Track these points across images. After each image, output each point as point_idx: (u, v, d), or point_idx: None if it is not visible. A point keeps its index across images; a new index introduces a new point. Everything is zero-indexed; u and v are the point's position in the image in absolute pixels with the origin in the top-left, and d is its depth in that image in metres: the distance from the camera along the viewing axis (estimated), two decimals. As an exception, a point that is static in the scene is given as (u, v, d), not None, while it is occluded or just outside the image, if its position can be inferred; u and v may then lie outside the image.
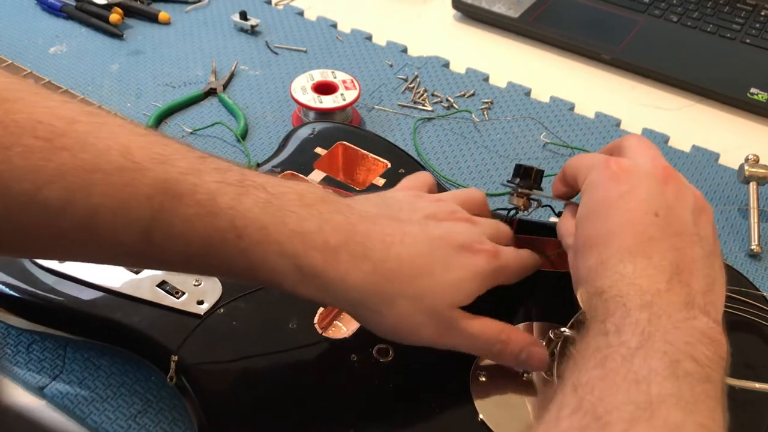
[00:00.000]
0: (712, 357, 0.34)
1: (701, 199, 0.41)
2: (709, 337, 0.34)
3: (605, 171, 0.41)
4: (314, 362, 0.44)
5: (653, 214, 0.39)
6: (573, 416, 0.31)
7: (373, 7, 0.93)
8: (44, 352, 0.50)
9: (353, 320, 0.46)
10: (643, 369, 0.32)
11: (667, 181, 0.40)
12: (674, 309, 0.35)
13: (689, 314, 0.35)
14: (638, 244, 0.38)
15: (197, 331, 0.45)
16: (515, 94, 0.78)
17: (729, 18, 0.88)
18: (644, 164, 0.41)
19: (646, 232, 0.38)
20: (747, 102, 0.77)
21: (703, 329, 0.35)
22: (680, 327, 0.34)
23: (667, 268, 0.37)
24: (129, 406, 0.47)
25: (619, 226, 0.39)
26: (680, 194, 0.40)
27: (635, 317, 0.35)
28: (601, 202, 0.40)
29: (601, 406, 0.31)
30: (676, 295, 0.36)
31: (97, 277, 0.47)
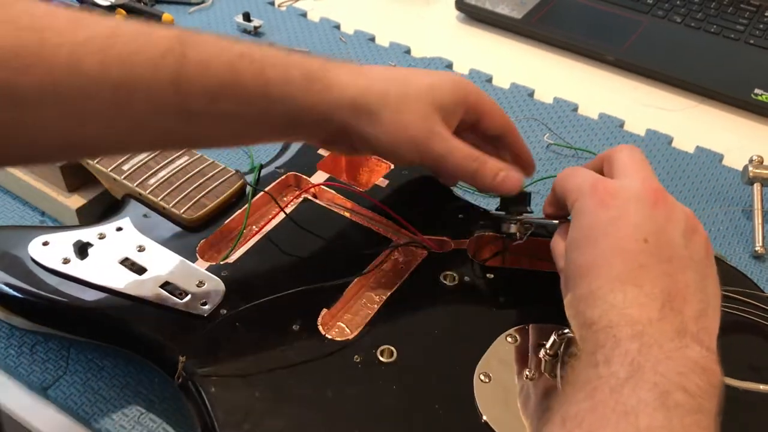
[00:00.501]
0: (704, 387, 0.33)
1: (692, 219, 0.40)
2: (702, 367, 0.34)
3: (592, 197, 0.40)
4: (317, 364, 0.44)
5: (642, 240, 0.38)
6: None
7: (377, 9, 0.93)
8: (48, 353, 0.50)
9: (356, 322, 0.46)
10: (632, 400, 0.32)
11: (656, 204, 0.39)
12: (666, 338, 0.34)
13: (681, 343, 0.34)
14: (628, 272, 0.37)
15: (200, 332, 0.45)
16: (518, 95, 0.77)
17: (733, 18, 0.88)
18: (633, 186, 0.40)
19: (636, 259, 0.37)
20: (751, 103, 0.77)
21: (695, 358, 0.34)
22: (672, 357, 0.34)
23: (658, 296, 0.36)
24: (132, 407, 0.47)
25: (608, 254, 0.38)
26: (670, 216, 0.39)
27: (625, 348, 0.34)
28: (589, 229, 0.39)
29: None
30: (669, 323, 0.35)
31: (101, 277, 0.47)
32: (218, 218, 0.53)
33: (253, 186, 0.54)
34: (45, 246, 0.49)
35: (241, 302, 0.46)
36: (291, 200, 0.55)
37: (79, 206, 0.56)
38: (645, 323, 0.35)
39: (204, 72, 0.40)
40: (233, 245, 0.51)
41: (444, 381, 0.43)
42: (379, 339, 0.45)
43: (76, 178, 0.57)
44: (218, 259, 0.50)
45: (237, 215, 0.53)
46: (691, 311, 0.36)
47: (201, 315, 0.46)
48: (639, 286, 0.36)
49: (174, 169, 0.55)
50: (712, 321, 0.37)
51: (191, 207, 0.52)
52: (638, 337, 0.34)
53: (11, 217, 0.60)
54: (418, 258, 0.51)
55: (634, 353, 0.34)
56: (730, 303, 0.49)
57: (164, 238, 0.51)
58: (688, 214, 0.40)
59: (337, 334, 0.46)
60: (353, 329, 0.46)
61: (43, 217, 0.60)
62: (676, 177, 0.68)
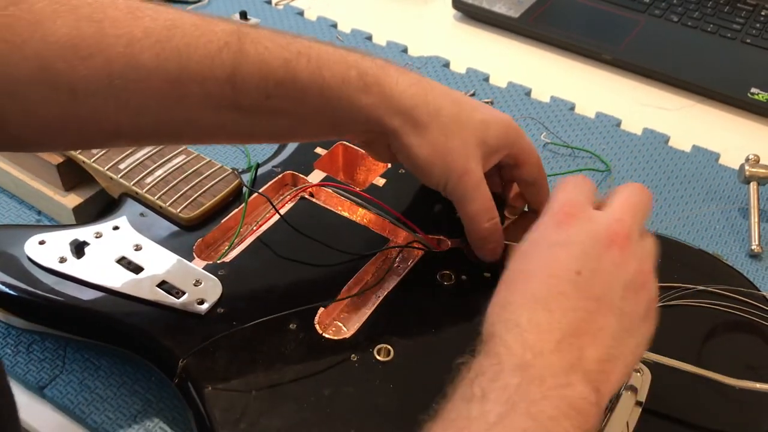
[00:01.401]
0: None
1: (646, 277, 0.38)
2: (577, 409, 0.32)
3: (554, 215, 0.39)
4: (314, 362, 0.44)
5: (575, 271, 0.36)
6: None
7: (374, 7, 0.93)
8: (44, 352, 0.50)
9: (353, 321, 0.46)
10: None
11: (610, 247, 0.37)
12: (550, 373, 0.33)
13: (566, 380, 0.33)
14: (545, 295, 0.36)
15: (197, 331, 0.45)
16: (515, 94, 0.77)
17: (729, 18, 0.88)
18: (598, 221, 0.38)
19: (559, 285, 0.36)
20: (747, 102, 0.77)
21: (571, 400, 0.33)
22: (549, 396, 0.32)
23: (564, 328, 0.34)
24: (129, 406, 0.47)
25: (536, 271, 0.37)
26: (620, 263, 0.37)
27: (505, 381, 0.33)
28: (535, 243, 0.39)
29: None
30: (562, 358, 0.34)
31: (97, 276, 0.47)
32: (215, 217, 0.53)
33: (249, 187, 0.54)
34: (41, 245, 0.49)
35: (238, 301, 0.46)
36: (288, 200, 0.55)
37: (75, 205, 0.56)
38: (536, 353, 0.34)
39: (260, 69, 0.40)
40: (230, 244, 0.51)
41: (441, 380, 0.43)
42: (376, 338, 0.45)
43: (72, 176, 0.57)
44: (215, 258, 0.50)
45: (234, 214, 0.53)
46: (595, 353, 0.34)
47: (198, 314, 0.46)
48: (549, 312, 0.35)
49: (170, 168, 0.55)
50: (617, 372, 0.35)
51: (188, 206, 0.52)
52: (522, 369, 0.33)
53: (7, 215, 0.60)
54: (415, 257, 0.51)
55: (512, 390, 0.32)
56: (727, 302, 0.49)
57: (161, 237, 0.51)
58: (644, 271, 0.38)
59: (334, 333, 0.46)
60: (350, 328, 0.46)
61: (40, 216, 0.60)
62: (673, 176, 0.68)
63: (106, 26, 0.37)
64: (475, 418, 0.32)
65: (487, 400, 0.33)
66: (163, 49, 0.38)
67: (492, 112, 0.48)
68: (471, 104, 0.47)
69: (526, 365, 0.33)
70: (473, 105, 0.47)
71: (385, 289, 0.49)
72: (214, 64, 0.39)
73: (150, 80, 0.38)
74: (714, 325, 0.48)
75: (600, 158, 0.69)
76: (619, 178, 0.68)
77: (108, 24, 0.38)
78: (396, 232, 0.53)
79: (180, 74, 0.39)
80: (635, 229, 0.39)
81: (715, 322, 0.48)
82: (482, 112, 0.47)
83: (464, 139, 0.45)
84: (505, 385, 0.33)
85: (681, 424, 0.43)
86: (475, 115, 0.46)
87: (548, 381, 0.33)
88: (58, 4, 0.37)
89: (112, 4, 0.38)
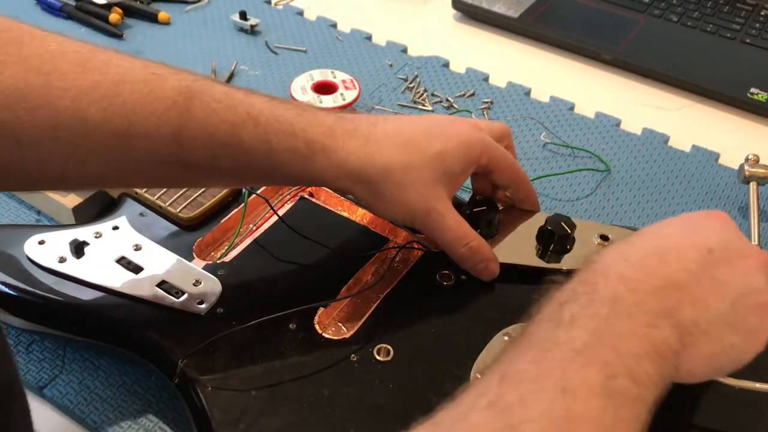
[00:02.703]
0: (653, 376, 0.32)
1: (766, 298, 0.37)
2: (660, 353, 0.33)
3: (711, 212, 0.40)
4: (314, 362, 0.44)
5: (708, 248, 0.37)
6: (487, 411, 0.30)
7: (373, 7, 0.93)
8: (44, 352, 0.50)
9: (353, 321, 0.46)
10: (576, 380, 0.31)
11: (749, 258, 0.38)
12: (642, 311, 0.34)
13: (655, 321, 0.34)
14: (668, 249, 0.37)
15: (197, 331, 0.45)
16: (515, 94, 0.77)
17: (729, 18, 0.88)
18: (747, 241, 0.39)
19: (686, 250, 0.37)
20: (747, 102, 0.77)
21: (656, 342, 0.33)
22: (637, 334, 0.33)
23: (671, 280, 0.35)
24: (128, 406, 0.47)
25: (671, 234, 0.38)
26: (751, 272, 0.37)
27: (596, 310, 0.34)
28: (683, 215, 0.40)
29: (518, 411, 0.30)
30: (658, 301, 0.35)
31: (97, 276, 0.47)
32: (215, 217, 0.53)
33: (248, 188, 0.54)
34: (41, 245, 0.49)
35: (238, 301, 0.46)
36: (287, 199, 0.55)
37: (75, 205, 0.56)
38: (631, 289, 0.35)
39: (206, 130, 0.41)
40: (230, 244, 0.51)
41: (441, 380, 0.43)
42: (376, 338, 0.45)
43: (72, 176, 0.57)
44: (215, 258, 0.50)
45: (233, 214, 0.53)
46: (692, 315, 0.35)
47: (197, 314, 0.46)
48: (664, 262, 0.36)
49: (170, 168, 0.55)
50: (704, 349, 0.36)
51: (188, 206, 0.52)
52: (614, 301, 0.34)
53: (7, 215, 0.60)
54: (415, 257, 0.51)
55: (601, 320, 0.33)
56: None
57: (161, 237, 0.51)
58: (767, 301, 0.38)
59: (334, 333, 0.46)
60: (350, 328, 0.46)
61: (39, 216, 0.60)
62: (672, 176, 0.68)
63: (54, 79, 0.38)
64: (561, 343, 0.32)
65: (575, 326, 0.33)
66: (111, 105, 0.39)
67: (449, 135, 0.47)
68: (425, 139, 0.46)
69: (618, 298, 0.34)
70: (428, 138, 0.46)
71: (384, 289, 0.49)
72: (160, 122, 0.40)
73: (96, 134, 0.39)
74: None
75: (600, 158, 0.69)
76: (619, 178, 0.68)
77: (56, 77, 0.38)
78: (396, 232, 0.53)
79: (127, 130, 0.39)
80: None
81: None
82: (438, 142, 0.46)
83: (421, 183, 0.45)
84: (595, 313, 0.33)
85: (681, 424, 0.43)
86: (428, 151, 0.45)
87: (638, 318, 0.34)
88: (6, 54, 0.38)
89: (62, 56, 0.39)
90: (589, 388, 0.31)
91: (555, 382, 0.31)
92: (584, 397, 0.30)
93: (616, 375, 0.31)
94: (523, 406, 0.30)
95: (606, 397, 0.30)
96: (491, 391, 0.31)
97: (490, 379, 0.32)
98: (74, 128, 0.38)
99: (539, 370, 0.31)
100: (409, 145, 0.45)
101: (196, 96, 0.41)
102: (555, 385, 0.30)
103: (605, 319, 0.33)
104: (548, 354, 0.32)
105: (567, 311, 0.34)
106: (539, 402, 0.30)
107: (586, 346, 0.32)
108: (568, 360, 0.32)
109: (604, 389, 0.31)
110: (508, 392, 0.30)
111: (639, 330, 0.33)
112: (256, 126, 0.42)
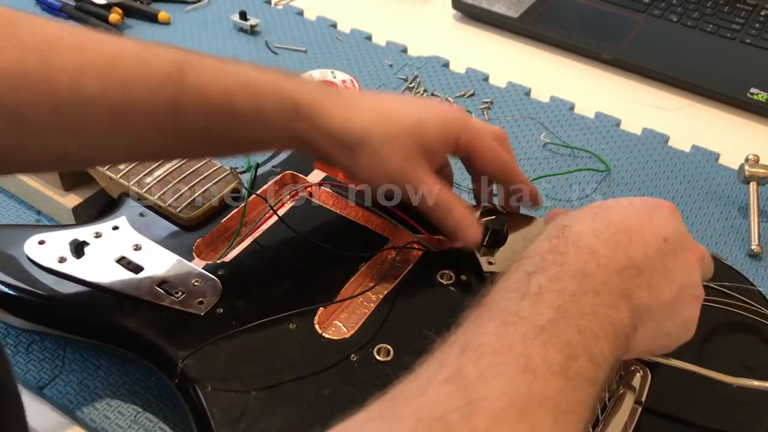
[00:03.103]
0: (608, 357, 0.33)
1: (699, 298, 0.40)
2: (616, 334, 0.34)
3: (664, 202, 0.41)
4: (314, 362, 0.44)
5: (664, 237, 0.38)
6: (445, 386, 0.29)
7: (373, 7, 0.93)
8: (44, 352, 0.50)
9: (353, 321, 0.46)
10: (537, 356, 0.30)
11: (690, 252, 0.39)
12: (606, 289, 0.34)
13: (615, 301, 0.34)
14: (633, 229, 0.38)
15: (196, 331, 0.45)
16: (515, 94, 0.78)
17: (729, 18, 0.88)
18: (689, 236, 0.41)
19: (646, 235, 0.38)
20: (747, 102, 0.77)
21: (615, 323, 0.34)
22: (598, 313, 0.33)
23: (634, 261, 0.36)
24: (128, 406, 0.47)
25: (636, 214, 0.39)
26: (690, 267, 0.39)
27: (563, 285, 0.34)
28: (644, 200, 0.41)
29: (477, 386, 0.29)
30: (621, 282, 0.35)
31: (97, 276, 0.47)
32: (215, 217, 0.53)
33: (248, 189, 0.54)
34: (41, 245, 0.49)
35: (238, 301, 0.46)
36: (287, 199, 0.55)
37: (75, 205, 0.56)
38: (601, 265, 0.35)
39: (201, 98, 0.42)
40: (230, 244, 0.51)
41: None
42: (376, 338, 0.45)
43: (72, 176, 0.57)
44: (215, 258, 0.50)
45: (233, 214, 0.53)
46: (646, 298, 0.36)
47: (197, 314, 0.46)
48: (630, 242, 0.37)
49: (170, 168, 0.55)
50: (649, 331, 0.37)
51: (187, 206, 0.52)
52: (582, 276, 0.34)
53: (7, 215, 0.60)
54: (415, 257, 0.51)
55: (568, 296, 0.33)
56: (726, 301, 0.49)
57: (160, 237, 0.51)
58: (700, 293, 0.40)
59: (334, 333, 0.46)
60: (350, 328, 0.46)
61: (39, 216, 0.60)
62: (672, 176, 0.68)
63: (52, 59, 0.38)
64: (525, 317, 0.32)
65: (541, 301, 0.33)
66: (108, 81, 0.40)
67: (429, 110, 0.48)
68: (405, 108, 0.48)
69: (587, 273, 0.35)
70: (408, 108, 0.48)
71: (385, 289, 0.49)
72: (157, 95, 0.41)
73: (95, 109, 0.40)
74: (713, 325, 0.48)
75: (599, 158, 0.69)
76: (619, 178, 0.68)
77: (53, 56, 0.38)
78: (396, 232, 0.53)
79: (124, 104, 0.40)
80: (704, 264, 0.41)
81: (715, 321, 0.48)
82: (418, 111, 0.47)
83: (399, 150, 0.46)
84: (562, 289, 0.34)
85: (680, 424, 0.43)
86: (407, 119, 0.47)
87: (602, 296, 0.34)
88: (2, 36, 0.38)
89: (58, 36, 0.39)
90: (550, 367, 0.30)
91: (516, 358, 0.30)
92: (545, 376, 0.30)
93: (577, 356, 0.31)
94: (483, 381, 0.29)
95: (565, 378, 0.30)
96: (451, 363, 0.30)
97: (450, 350, 0.31)
98: (74, 105, 0.39)
99: (501, 343, 0.31)
100: (389, 115, 0.47)
101: (188, 67, 0.42)
102: (516, 361, 0.30)
103: (571, 295, 0.33)
104: (511, 327, 0.32)
105: (534, 283, 0.34)
106: (500, 378, 0.29)
107: (550, 322, 0.32)
108: (531, 336, 0.31)
109: (564, 370, 0.31)
110: (469, 366, 0.30)
111: (601, 310, 0.34)
112: (247, 91, 0.43)
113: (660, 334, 0.38)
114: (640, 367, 0.44)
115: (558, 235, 0.37)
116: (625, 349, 0.35)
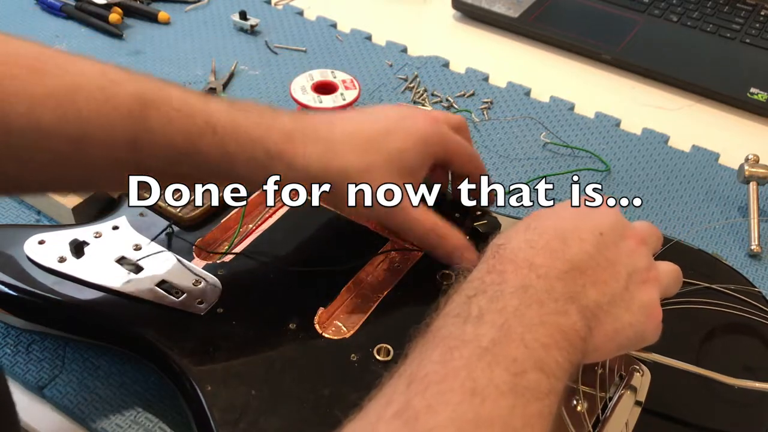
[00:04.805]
0: (562, 364, 0.32)
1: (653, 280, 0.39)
2: (568, 341, 0.33)
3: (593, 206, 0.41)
4: (314, 362, 0.44)
5: (600, 232, 0.38)
6: (394, 421, 0.29)
7: (373, 7, 0.93)
8: (44, 352, 0.50)
9: (353, 321, 0.46)
10: (483, 379, 0.30)
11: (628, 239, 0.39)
12: (551, 297, 0.34)
13: (564, 307, 0.34)
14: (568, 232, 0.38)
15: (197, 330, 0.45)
16: (515, 94, 0.78)
17: (729, 18, 0.88)
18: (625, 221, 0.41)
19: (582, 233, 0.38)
20: (747, 102, 0.77)
21: (565, 329, 0.34)
22: (546, 323, 0.33)
23: (574, 262, 0.36)
24: (128, 407, 0.47)
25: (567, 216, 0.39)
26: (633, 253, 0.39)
27: (504, 303, 0.34)
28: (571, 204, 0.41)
29: (425, 418, 0.29)
30: (565, 286, 0.35)
31: (97, 276, 0.47)
32: (215, 217, 0.53)
33: (249, 186, 0.54)
34: (41, 245, 0.49)
35: (238, 301, 0.46)
36: (287, 199, 0.54)
37: (75, 205, 0.56)
38: (541, 275, 0.35)
39: (163, 139, 0.40)
40: (230, 244, 0.51)
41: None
42: (376, 338, 0.45)
43: (72, 176, 0.57)
44: (215, 258, 0.50)
45: (233, 214, 0.53)
46: (595, 296, 0.36)
47: (197, 314, 0.46)
48: (566, 245, 0.37)
49: (170, 168, 0.55)
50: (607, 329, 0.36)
51: (188, 206, 0.52)
52: (523, 290, 0.34)
53: (7, 215, 0.60)
54: (415, 257, 0.51)
55: (510, 313, 0.33)
56: (726, 302, 0.49)
57: (161, 237, 0.51)
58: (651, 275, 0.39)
59: (334, 332, 0.46)
60: (350, 328, 0.46)
61: (39, 216, 0.60)
62: (672, 176, 0.68)
63: (7, 85, 0.37)
64: (468, 340, 0.32)
65: (482, 322, 0.33)
66: (66, 113, 0.38)
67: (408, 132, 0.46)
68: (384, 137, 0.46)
69: (528, 286, 0.34)
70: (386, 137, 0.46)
71: (384, 289, 0.49)
72: (115, 132, 0.39)
73: (51, 141, 0.38)
74: (713, 325, 0.48)
75: (599, 158, 0.69)
76: (619, 178, 0.68)
77: (9, 83, 0.37)
78: (396, 232, 0.53)
79: (82, 137, 0.39)
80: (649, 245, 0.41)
81: (715, 322, 0.48)
82: (397, 140, 0.46)
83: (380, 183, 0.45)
84: (503, 307, 0.33)
85: (680, 424, 0.43)
86: (388, 149, 0.45)
87: (548, 305, 0.34)
88: None
89: (14, 62, 0.38)
90: (497, 387, 0.30)
91: (462, 383, 0.30)
92: (492, 397, 0.30)
93: (525, 371, 0.31)
94: (430, 412, 0.29)
95: (515, 396, 0.30)
96: (398, 398, 0.30)
97: (397, 383, 0.31)
98: (28, 135, 0.37)
99: (446, 370, 0.31)
100: (368, 146, 0.45)
101: (152, 105, 0.40)
102: (462, 387, 0.30)
103: (514, 311, 0.33)
104: (456, 352, 0.31)
105: (475, 305, 0.34)
106: (447, 406, 0.29)
107: (493, 343, 0.32)
108: (475, 358, 0.31)
109: (512, 388, 0.30)
110: (416, 398, 0.30)
111: (548, 318, 0.33)
112: (214, 135, 0.41)
113: (621, 326, 0.37)
114: (640, 367, 0.44)
115: (494, 254, 0.37)
116: (582, 353, 0.34)
